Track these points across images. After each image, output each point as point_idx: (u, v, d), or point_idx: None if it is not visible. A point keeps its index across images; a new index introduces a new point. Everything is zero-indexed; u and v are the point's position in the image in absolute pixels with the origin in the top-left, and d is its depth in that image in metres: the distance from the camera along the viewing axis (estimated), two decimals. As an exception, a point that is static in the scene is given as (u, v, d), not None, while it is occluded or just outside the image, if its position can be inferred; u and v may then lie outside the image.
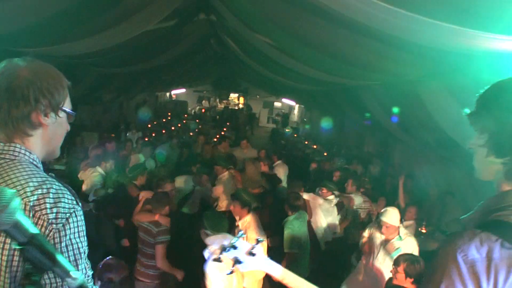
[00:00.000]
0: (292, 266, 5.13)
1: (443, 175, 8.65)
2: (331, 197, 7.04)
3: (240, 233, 2.15)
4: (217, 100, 32.06)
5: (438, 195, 8.63)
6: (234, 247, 2.07)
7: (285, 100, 27.65)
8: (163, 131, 16.62)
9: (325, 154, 14.46)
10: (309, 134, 20.90)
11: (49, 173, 1.55)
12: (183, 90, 28.76)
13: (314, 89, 11.15)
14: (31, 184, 1.41)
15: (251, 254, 2.08)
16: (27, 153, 1.52)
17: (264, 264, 2.08)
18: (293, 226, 5.61)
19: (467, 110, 1.53)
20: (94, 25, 4.92)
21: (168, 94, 29.19)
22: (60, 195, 1.44)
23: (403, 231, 5.30)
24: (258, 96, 30.99)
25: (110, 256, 3.66)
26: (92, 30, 5.15)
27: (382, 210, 5.40)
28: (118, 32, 5.45)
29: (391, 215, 5.13)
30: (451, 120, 4.87)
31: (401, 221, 7.18)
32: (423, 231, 7.46)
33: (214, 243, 2.11)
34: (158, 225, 4.74)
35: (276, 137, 23.13)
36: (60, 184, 1.49)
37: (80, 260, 1.46)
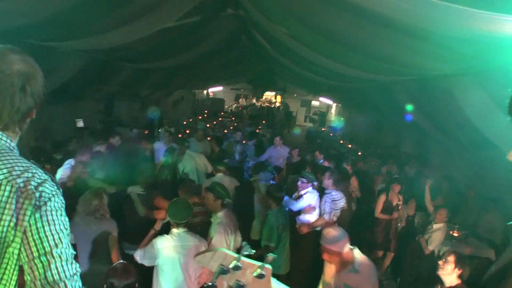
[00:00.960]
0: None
1: (481, 177, 8.26)
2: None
3: (246, 247, 1.84)
4: (254, 98, 32.01)
5: (474, 198, 8.26)
6: (237, 268, 1.78)
7: (322, 99, 27.34)
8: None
9: (359, 153, 14.19)
10: (345, 133, 20.57)
11: (31, 160, 1.61)
12: (220, 88, 28.94)
13: (349, 86, 10.92)
14: (17, 168, 1.50)
15: (260, 276, 1.77)
16: (8, 141, 1.60)
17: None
18: (275, 219, 5.52)
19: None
20: (116, 18, 4.94)
21: (205, 91, 29.40)
22: (43, 179, 1.53)
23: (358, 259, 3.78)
24: (295, 95, 30.74)
25: (121, 261, 3.61)
26: (115, 24, 5.17)
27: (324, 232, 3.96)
28: (142, 25, 5.45)
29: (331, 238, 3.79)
30: (486, 119, 4.61)
31: (430, 223, 6.98)
32: (455, 234, 7.16)
33: (208, 263, 1.83)
34: None
35: (312, 136, 22.89)
36: (42, 171, 1.57)
37: (62, 236, 1.51)
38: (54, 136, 11.19)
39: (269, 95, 32.15)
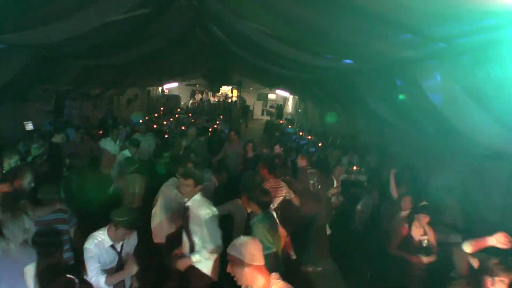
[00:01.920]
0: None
1: (443, 165, 8.31)
2: None
3: None
4: (210, 93, 31.65)
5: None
6: None
7: (279, 92, 27.33)
8: (155, 126, 16.31)
9: (319, 144, 14.16)
10: (304, 125, 20.57)
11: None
12: (175, 85, 28.41)
13: (308, 77, 10.79)
14: None
15: None
16: None
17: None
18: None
19: None
20: (56, 9, 4.53)
21: (160, 89, 28.79)
22: None
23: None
24: (251, 89, 30.63)
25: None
26: (54, 16, 4.75)
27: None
28: (85, 18, 5.04)
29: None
30: (452, 105, 4.53)
31: (397, 212, 6.93)
32: (422, 222, 7.15)
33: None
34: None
35: (271, 129, 22.84)
36: None
37: None
38: (2, 140, 10.56)
39: (225, 89, 31.84)
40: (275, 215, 5.57)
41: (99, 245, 4.05)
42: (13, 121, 11.35)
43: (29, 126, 11.79)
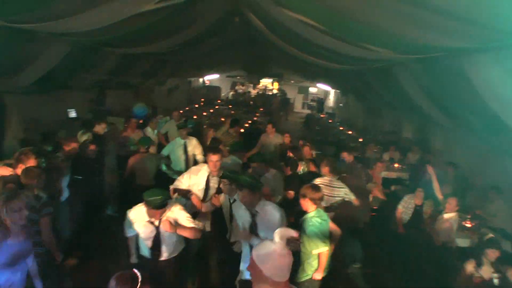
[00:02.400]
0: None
1: (491, 165, 7.88)
2: None
3: None
4: (251, 85, 31.55)
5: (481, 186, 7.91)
6: None
7: (320, 85, 26.93)
8: (195, 117, 16.37)
9: (360, 140, 13.84)
10: (345, 120, 20.18)
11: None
12: (216, 76, 28.45)
13: (350, 70, 10.48)
14: None
15: None
16: None
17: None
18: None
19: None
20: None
21: (201, 79, 28.92)
22: None
23: None
24: (292, 81, 30.33)
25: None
26: (89, 4, 4.72)
27: None
28: (119, 7, 4.98)
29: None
30: (504, 101, 4.19)
31: (441, 213, 6.61)
32: (468, 225, 6.79)
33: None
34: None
35: (311, 123, 22.55)
36: None
37: None
38: (45, 127, 10.84)
39: (265, 82, 31.68)
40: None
41: (137, 216, 4.51)
42: (56, 109, 11.62)
43: (72, 113, 12.04)
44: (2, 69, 6.72)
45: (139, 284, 2.89)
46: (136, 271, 2.97)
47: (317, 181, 6.34)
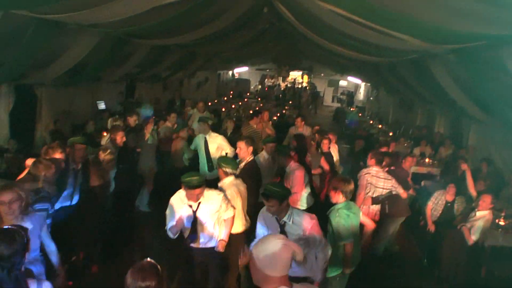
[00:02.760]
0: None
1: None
2: None
3: None
4: (280, 78, 31.37)
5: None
6: None
7: (350, 79, 26.56)
8: (223, 109, 16.37)
9: (390, 134, 13.57)
10: (375, 114, 19.84)
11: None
12: (245, 69, 28.41)
13: (382, 62, 10.25)
14: None
15: None
16: None
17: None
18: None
19: None
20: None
21: (230, 72, 28.94)
22: None
23: None
24: (322, 74, 30.00)
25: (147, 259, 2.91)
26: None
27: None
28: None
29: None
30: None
31: (473, 210, 6.37)
32: (501, 223, 6.53)
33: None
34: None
35: (340, 117, 22.27)
36: None
37: None
38: (75, 119, 11.04)
39: (295, 75, 31.44)
40: None
41: (178, 200, 4.71)
42: (86, 101, 11.83)
43: (102, 105, 12.22)
44: (33, 61, 6.81)
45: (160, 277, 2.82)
46: (154, 261, 2.88)
47: (364, 171, 6.62)
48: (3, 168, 7.96)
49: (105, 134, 8.31)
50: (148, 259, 2.87)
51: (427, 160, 10.40)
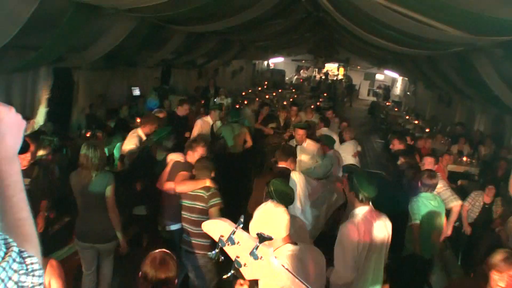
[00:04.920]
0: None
1: None
2: None
3: (241, 220, 1.63)
4: (316, 70, 31.00)
5: None
6: (233, 242, 1.59)
7: (387, 72, 26.02)
8: (257, 99, 16.28)
9: (427, 130, 13.17)
10: (412, 109, 19.35)
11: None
12: (281, 59, 28.20)
13: (421, 55, 9.92)
14: None
15: (254, 256, 1.54)
16: None
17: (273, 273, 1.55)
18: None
19: None
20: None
21: (266, 62, 28.78)
22: None
23: None
24: (359, 67, 29.47)
25: (162, 250, 2.86)
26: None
27: None
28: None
29: None
30: None
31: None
32: (543, 228, 6.21)
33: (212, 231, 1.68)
34: (208, 189, 4.52)
35: (376, 111, 21.87)
36: None
37: None
38: (110, 104, 11.17)
39: (331, 67, 31.02)
40: None
41: None
42: (121, 86, 11.94)
43: (136, 91, 12.30)
44: (70, 45, 6.89)
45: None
46: (168, 252, 2.83)
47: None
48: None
49: (138, 120, 8.27)
50: (165, 250, 2.84)
51: (464, 158, 10.05)
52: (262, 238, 1.60)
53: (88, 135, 8.66)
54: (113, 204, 4.53)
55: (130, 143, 6.36)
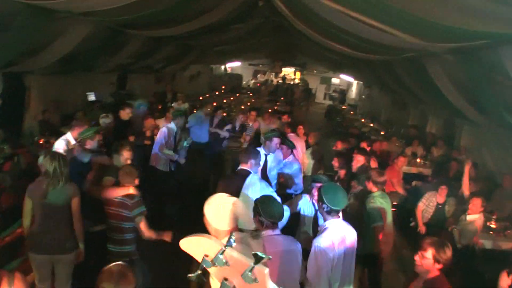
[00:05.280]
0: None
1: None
2: None
3: (231, 239, 1.49)
4: (273, 74, 31.24)
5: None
6: (220, 263, 1.44)
7: (343, 76, 26.53)
8: (214, 104, 16.23)
9: (382, 133, 13.54)
10: (367, 112, 19.81)
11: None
12: (238, 64, 28.22)
13: (376, 60, 10.16)
14: None
15: (248, 279, 1.39)
16: None
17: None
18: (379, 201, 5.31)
19: None
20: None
21: (223, 67, 28.75)
22: None
23: None
24: (315, 71, 29.90)
25: (118, 262, 2.79)
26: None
27: None
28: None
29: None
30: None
31: (464, 213, 6.31)
32: (493, 226, 6.51)
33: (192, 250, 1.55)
34: (132, 197, 4.50)
35: (332, 114, 22.23)
36: None
37: None
38: (65, 109, 10.84)
39: (288, 71, 31.33)
40: None
41: None
42: (76, 92, 11.61)
43: (92, 97, 12.00)
44: (22, 49, 6.63)
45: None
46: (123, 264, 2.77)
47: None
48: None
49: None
50: (119, 262, 2.78)
51: (418, 160, 10.39)
52: (258, 258, 1.44)
53: (41, 142, 8.39)
54: (79, 215, 4.44)
55: (57, 147, 6.20)
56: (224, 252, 1.49)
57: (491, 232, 6.40)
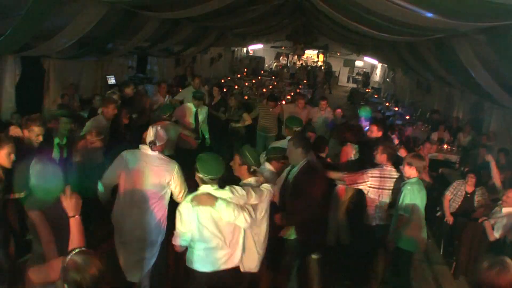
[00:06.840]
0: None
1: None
2: None
3: None
4: (295, 57, 30.75)
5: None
6: None
7: (367, 59, 25.93)
8: (236, 87, 16.00)
9: (407, 117, 13.12)
10: (392, 95, 19.30)
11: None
12: (260, 46, 27.85)
13: (401, 41, 9.76)
14: None
15: None
16: None
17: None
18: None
19: None
20: None
21: (245, 49, 28.40)
22: None
23: None
24: (338, 54, 29.30)
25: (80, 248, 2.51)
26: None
27: None
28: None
29: None
30: None
31: (499, 205, 5.93)
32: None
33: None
34: None
35: (355, 98, 21.78)
36: None
37: None
38: (83, 93, 10.82)
39: (310, 53, 30.79)
40: None
41: None
42: (96, 75, 11.55)
43: (112, 80, 11.92)
44: (35, 32, 6.50)
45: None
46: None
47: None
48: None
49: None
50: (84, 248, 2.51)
51: (445, 146, 9.99)
52: None
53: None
54: None
55: None
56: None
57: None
